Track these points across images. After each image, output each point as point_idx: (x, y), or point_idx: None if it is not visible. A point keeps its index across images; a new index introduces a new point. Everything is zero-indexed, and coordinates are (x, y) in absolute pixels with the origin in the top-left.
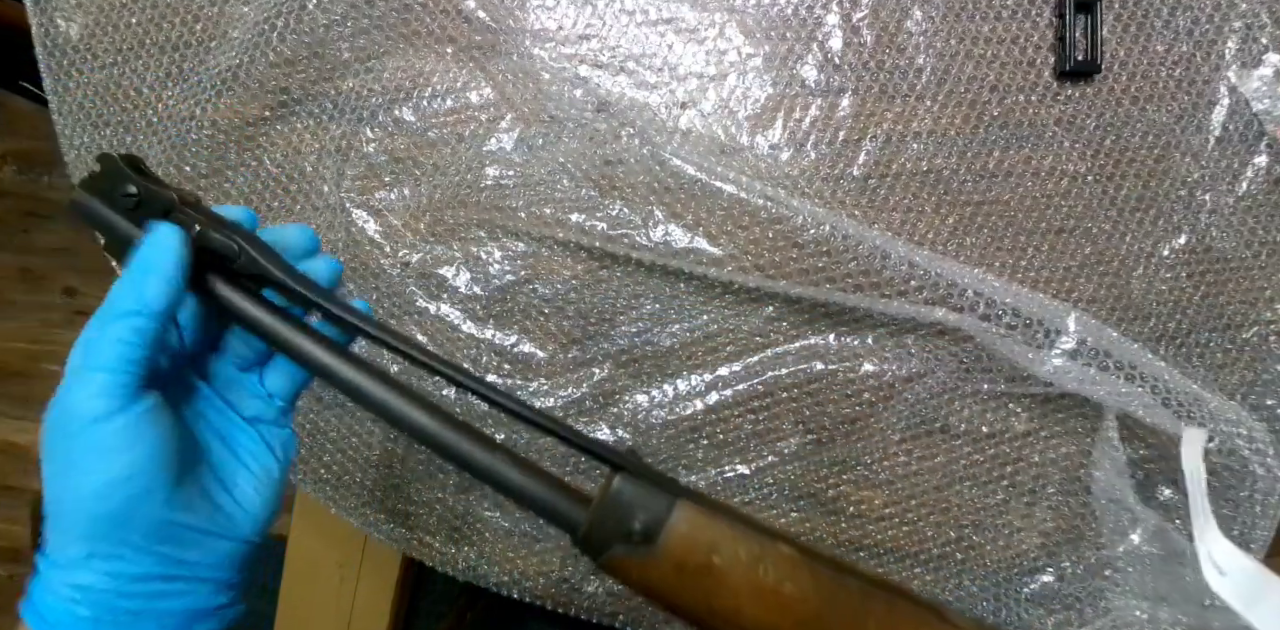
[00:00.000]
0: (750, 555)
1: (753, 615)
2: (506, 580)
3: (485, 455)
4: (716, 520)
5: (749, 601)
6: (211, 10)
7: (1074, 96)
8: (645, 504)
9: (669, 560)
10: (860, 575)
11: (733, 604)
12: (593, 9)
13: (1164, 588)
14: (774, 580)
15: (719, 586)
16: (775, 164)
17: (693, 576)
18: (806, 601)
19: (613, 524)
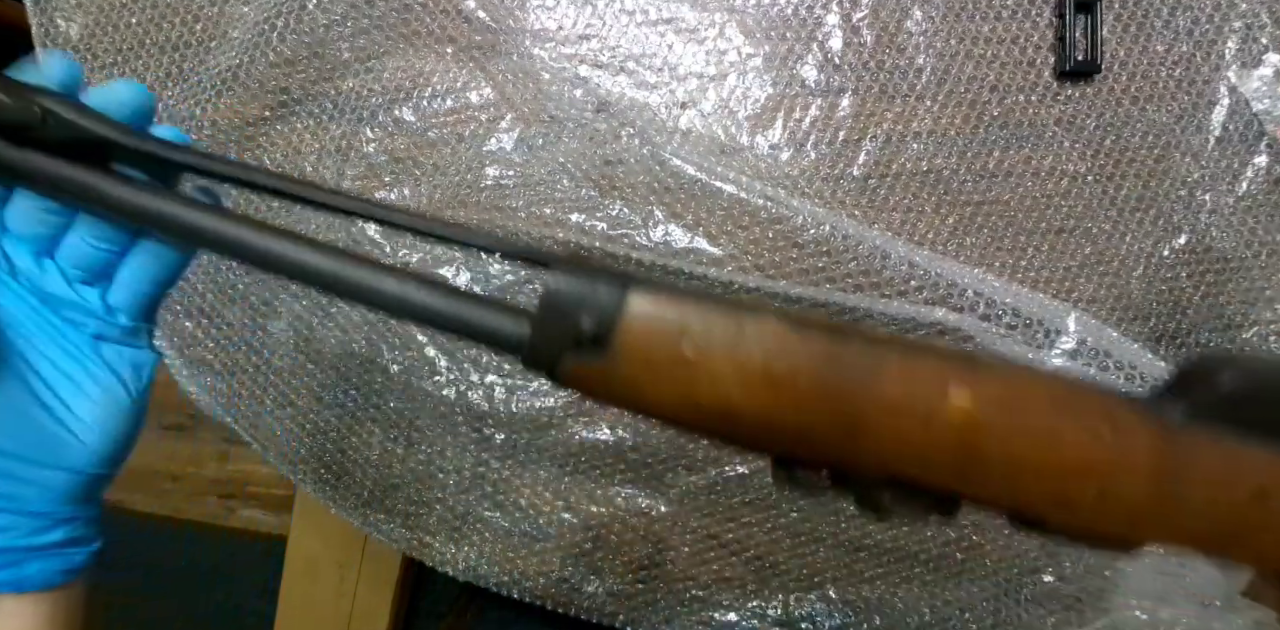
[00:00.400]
0: (726, 335)
1: (744, 403)
2: (506, 580)
3: (399, 285)
4: (680, 302)
5: (737, 389)
6: (211, 10)
7: (1074, 96)
8: (592, 299)
9: (633, 357)
10: (864, 336)
11: (720, 394)
12: (593, 9)
13: (1164, 588)
14: (760, 359)
15: (698, 378)
16: (775, 164)
17: (665, 371)
18: (801, 376)
19: (559, 329)
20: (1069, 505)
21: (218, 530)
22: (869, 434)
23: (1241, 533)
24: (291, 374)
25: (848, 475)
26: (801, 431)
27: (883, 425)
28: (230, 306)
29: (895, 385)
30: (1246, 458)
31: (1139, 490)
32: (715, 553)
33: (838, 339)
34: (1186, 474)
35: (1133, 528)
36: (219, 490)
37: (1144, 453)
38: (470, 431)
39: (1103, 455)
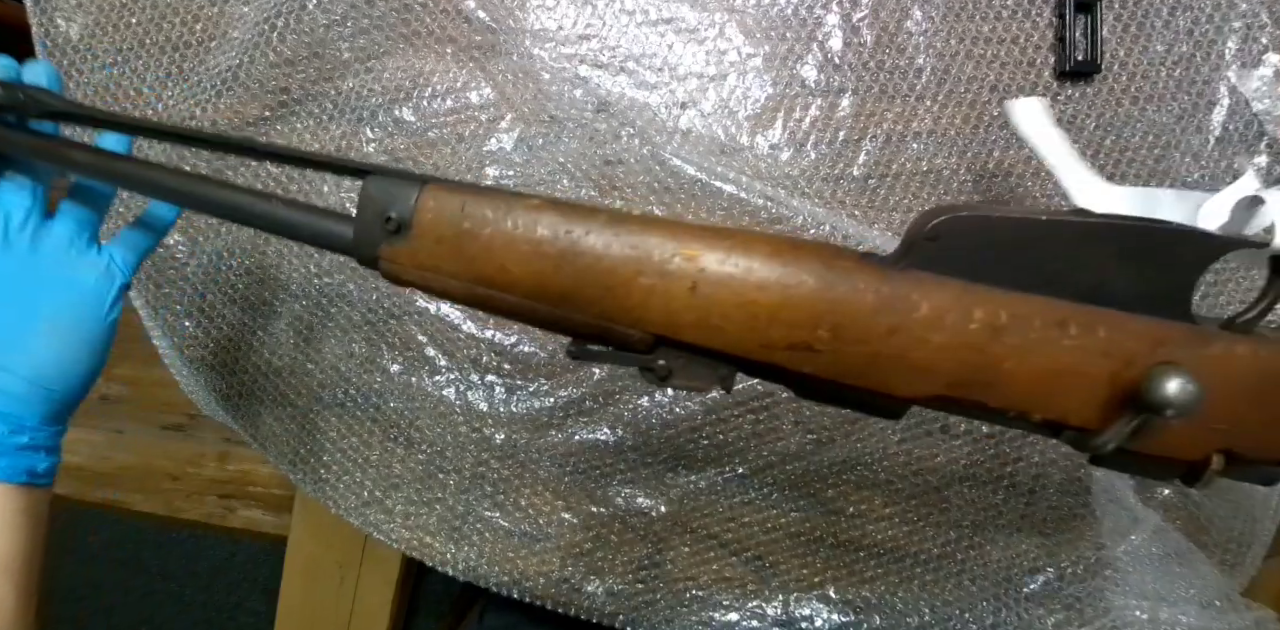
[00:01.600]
0: (496, 211)
1: (518, 270)
2: (506, 580)
3: (251, 199)
4: (462, 190)
5: (509, 256)
6: (211, 10)
7: (1074, 96)
8: (396, 196)
9: (427, 237)
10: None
11: (497, 264)
12: (593, 9)
13: (1164, 588)
14: (524, 229)
15: (478, 250)
16: (775, 164)
17: (452, 246)
18: (558, 240)
19: (374, 224)
20: (809, 347)
21: (218, 530)
22: (618, 291)
23: (984, 371)
24: (291, 374)
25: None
26: (566, 293)
27: (628, 282)
28: (230, 306)
29: (633, 249)
30: (971, 294)
31: (870, 326)
32: (715, 553)
33: (586, 213)
34: (912, 310)
35: (877, 371)
36: (219, 490)
37: (867, 292)
38: (470, 431)
39: (825, 295)
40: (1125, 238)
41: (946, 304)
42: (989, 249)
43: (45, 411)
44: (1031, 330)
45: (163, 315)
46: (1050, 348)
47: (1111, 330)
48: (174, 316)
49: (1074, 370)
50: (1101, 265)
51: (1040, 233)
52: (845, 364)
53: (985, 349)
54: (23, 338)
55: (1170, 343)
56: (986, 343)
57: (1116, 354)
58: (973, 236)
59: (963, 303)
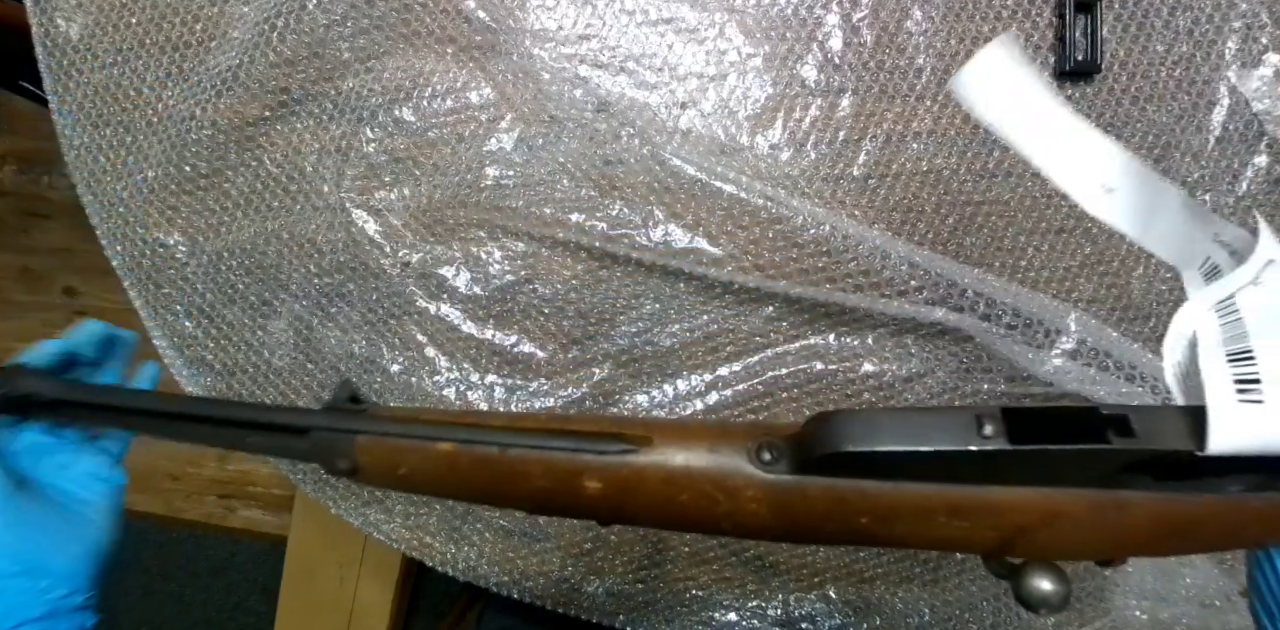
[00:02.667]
0: (421, 460)
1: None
2: (506, 580)
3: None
4: (387, 442)
5: (444, 488)
6: (211, 10)
7: (1074, 96)
8: (337, 450)
9: (375, 478)
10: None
11: (438, 490)
12: (593, 9)
13: (1164, 588)
14: (447, 472)
15: (418, 484)
16: (775, 164)
17: (399, 482)
18: (477, 479)
19: (330, 466)
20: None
21: (218, 530)
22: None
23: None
24: (291, 374)
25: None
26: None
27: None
28: (230, 306)
29: (542, 480)
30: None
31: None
32: (715, 553)
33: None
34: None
35: (787, 540)
36: (219, 490)
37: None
38: None
39: (721, 510)
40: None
41: (834, 507)
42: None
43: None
44: (921, 519)
45: (163, 315)
46: (942, 529)
47: (1004, 509)
48: (174, 316)
49: (964, 541)
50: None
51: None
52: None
53: (879, 533)
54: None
55: (1068, 513)
56: (880, 529)
57: (1008, 527)
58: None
59: (850, 505)
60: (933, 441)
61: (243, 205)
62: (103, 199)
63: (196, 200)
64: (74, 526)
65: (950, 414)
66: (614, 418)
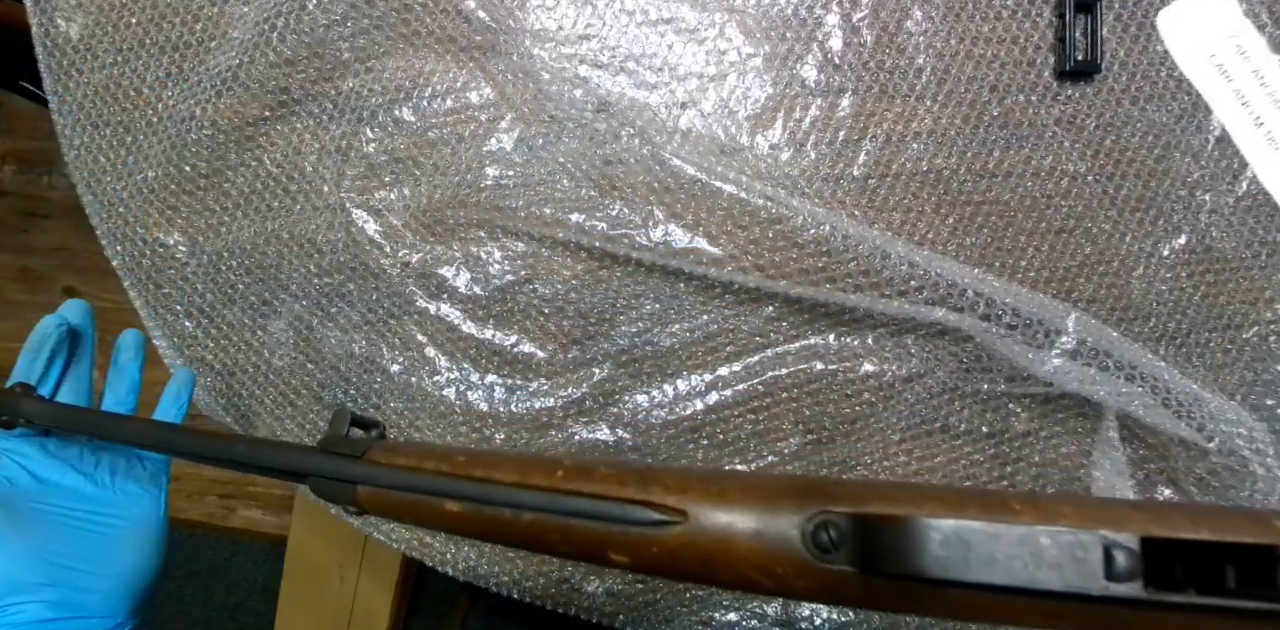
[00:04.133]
0: (427, 515)
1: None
2: (506, 580)
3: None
4: (391, 496)
5: (460, 535)
6: (211, 10)
7: (1074, 96)
8: (340, 492)
9: (380, 514)
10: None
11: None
12: (593, 9)
13: None
14: (456, 528)
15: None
16: (775, 164)
17: (402, 522)
18: (490, 539)
19: (337, 502)
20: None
21: (218, 530)
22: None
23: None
24: (291, 374)
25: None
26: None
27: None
28: (230, 306)
29: (562, 547)
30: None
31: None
32: None
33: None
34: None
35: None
36: (219, 490)
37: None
38: (470, 431)
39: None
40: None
41: (904, 605)
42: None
43: (132, 604)
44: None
45: (163, 315)
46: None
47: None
48: (174, 316)
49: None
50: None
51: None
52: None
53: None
54: (105, 552)
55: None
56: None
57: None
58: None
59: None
60: (1043, 578)
61: (243, 205)
62: (103, 199)
63: (196, 200)
64: (105, 554)
65: (1070, 539)
66: (641, 472)
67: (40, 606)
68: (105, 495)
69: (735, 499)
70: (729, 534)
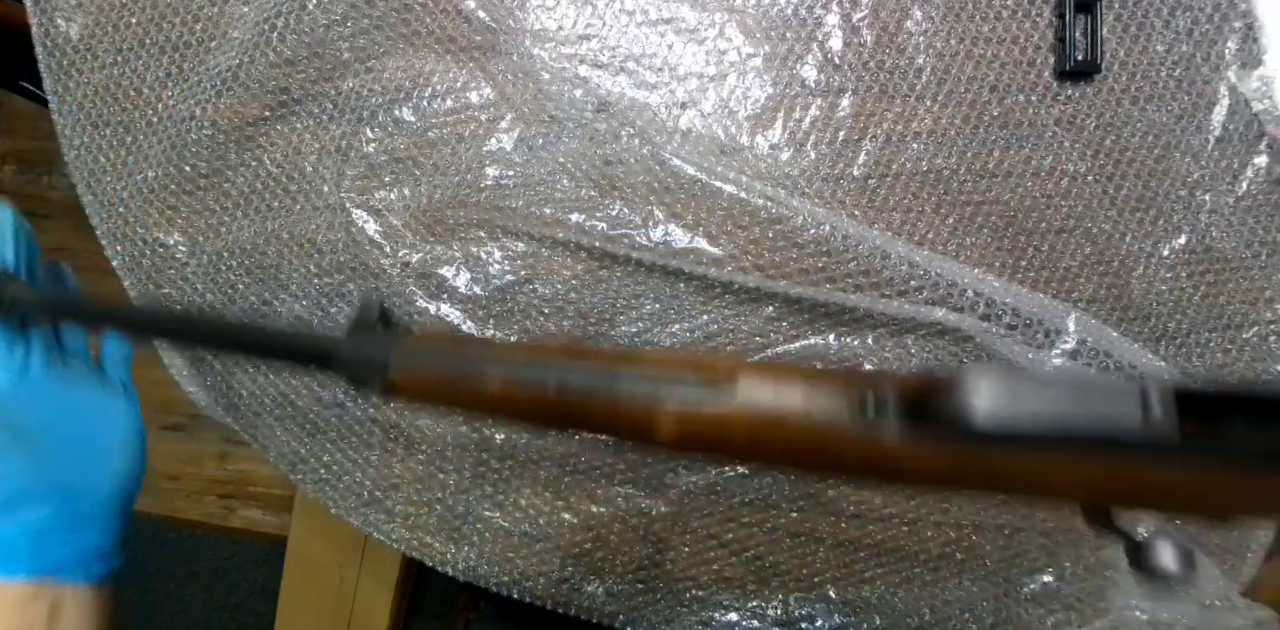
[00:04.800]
0: (465, 393)
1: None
2: (506, 580)
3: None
4: (427, 371)
5: (489, 418)
6: (211, 10)
7: (1074, 96)
8: (371, 372)
9: (412, 396)
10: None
11: (479, 416)
12: (593, 9)
13: (1164, 588)
14: (494, 407)
15: (460, 410)
16: (775, 164)
17: (435, 405)
18: (530, 418)
19: (365, 387)
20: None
21: (218, 530)
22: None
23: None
24: (291, 374)
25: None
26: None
27: (613, 432)
28: (230, 306)
29: (605, 422)
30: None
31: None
32: (715, 553)
33: (551, 391)
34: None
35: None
36: (219, 490)
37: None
38: (470, 431)
39: (810, 462)
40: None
41: (947, 467)
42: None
43: (125, 512)
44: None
45: None
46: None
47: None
48: None
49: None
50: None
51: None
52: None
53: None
54: (99, 458)
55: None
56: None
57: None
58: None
59: (969, 472)
60: (1088, 423)
61: (243, 205)
62: (103, 199)
63: (196, 200)
64: (95, 462)
65: (1109, 388)
66: (690, 356)
67: (44, 516)
68: (85, 403)
69: (784, 375)
70: (779, 403)
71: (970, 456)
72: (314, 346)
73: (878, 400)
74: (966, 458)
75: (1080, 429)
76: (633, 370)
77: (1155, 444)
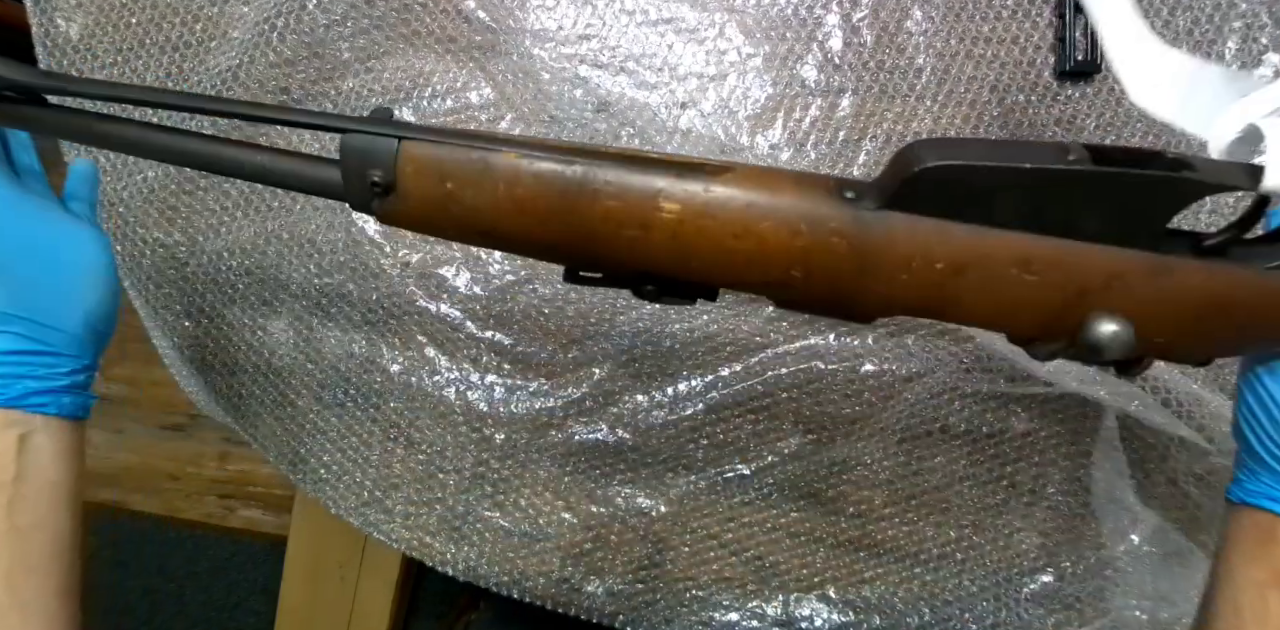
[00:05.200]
0: (476, 172)
1: (505, 225)
2: (506, 580)
3: (237, 152)
4: (438, 149)
5: (494, 216)
6: (211, 10)
7: (1074, 96)
8: (375, 156)
9: (413, 197)
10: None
11: (484, 220)
12: (593, 9)
13: (1164, 588)
14: (504, 189)
15: (465, 208)
16: (775, 164)
17: (443, 207)
18: (537, 198)
19: (360, 183)
20: (784, 284)
21: (218, 530)
22: (604, 242)
23: (944, 301)
24: (291, 374)
25: (614, 273)
26: (553, 243)
27: (612, 235)
28: (230, 306)
29: (613, 201)
30: (940, 236)
31: (841, 269)
32: (715, 553)
33: (563, 164)
34: (881, 254)
35: (845, 300)
36: (219, 490)
37: (841, 241)
38: (470, 431)
39: (800, 244)
40: (1104, 183)
41: (914, 249)
42: (965, 190)
43: (96, 350)
44: (993, 268)
45: (163, 315)
46: (1009, 284)
47: (1071, 264)
48: (174, 316)
49: (1028, 301)
50: (1076, 204)
51: (1019, 179)
52: (816, 294)
53: (947, 285)
54: (69, 287)
55: (1126, 275)
56: (949, 280)
57: (1071, 287)
58: (951, 180)
59: (931, 245)
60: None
61: (243, 205)
62: (103, 199)
63: (196, 200)
64: (68, 286)
65: (1036, 143)
66: (691, 156)
67: (11, 337)
68: (57, 232)
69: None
70: (772, 186)
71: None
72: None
73: (854, 186)
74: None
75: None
76: (639, 161)
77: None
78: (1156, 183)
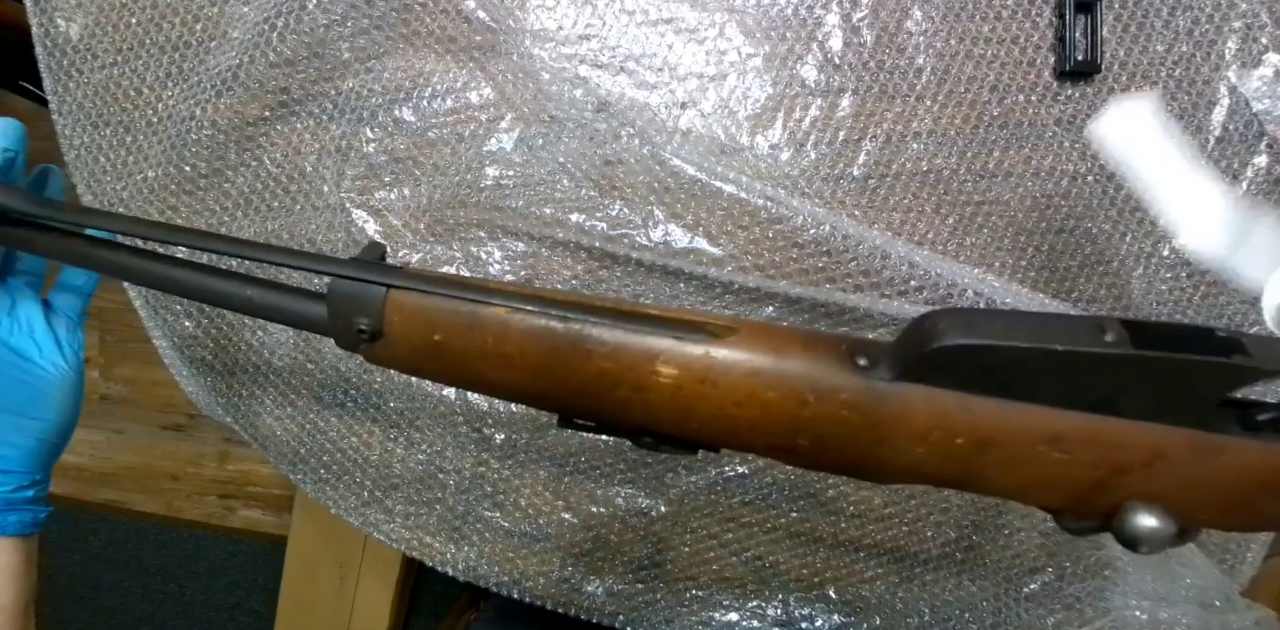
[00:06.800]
0: (464, 326)
1: (496, 376)
2: (506, 580)
3: (226, 285)
4: (426, 300)
5: (484, 366)
6: (211, 10)
7: (1074, 96)
8: (362, 304)
9: (401, 345)
10: (583, 311)
11: (474, 371)
12: (593, 9)
13: (1164, 588)
14: (493, 343)
15: (454, 359)
16: (775, 164)
17: (429, 355)
18: (527, 354)
19: (346, 327)
20: (790, 451)
21: (218, 530)
22: (597, 399)
23: (966, 475)
24: (291, 374)
25: (609, 425)
26: (544, 395)
27: (606, 394)
28: None
29: (607, 362)
30: (961, 411)
31: (852, 440)
32: (715, 553)
33: (555, 320)
34: (897, 428)
35: (857, 468)
36: (219, 490)
37: (852, 413)
38: (470, 431)
39: (808, 414)
40: (1145, 367)
41: (933, 422)
42: (989, 366)
43: (48, 464)
44: (1020, 445)
45: (163, 315)
46: (1038, 461)
47: (1107, 443)
48: (174, 316)
49: (1059, 478)
50: (1112, 384)
51: (1049, 361)
52: (826, 461)
53: (969, 460)
54: (26, 407)
55: (1170, 454)
56: (972, 456)
57: (1107, 465)
58: (973, 358)
59: (950, 419)
60: (1051, 341)
61: (243, 205)
62: (103, 199)
63: (196, 200)
64: (28, 404)
65: (1069, 318)
66: (693, 311)
67: None
68: (28, 344)
69: (782, 329)
70: (778, 351)
71: (950, 400)
72: (312, 262)
73: (867, 351)
74: (946, 402)
75: (1044, 343)
76: (636, 319)
77: (1113, 354)
78: (1205, 368)
